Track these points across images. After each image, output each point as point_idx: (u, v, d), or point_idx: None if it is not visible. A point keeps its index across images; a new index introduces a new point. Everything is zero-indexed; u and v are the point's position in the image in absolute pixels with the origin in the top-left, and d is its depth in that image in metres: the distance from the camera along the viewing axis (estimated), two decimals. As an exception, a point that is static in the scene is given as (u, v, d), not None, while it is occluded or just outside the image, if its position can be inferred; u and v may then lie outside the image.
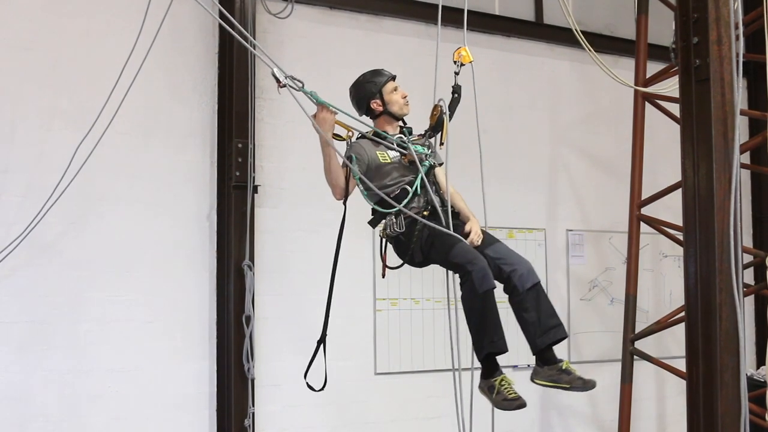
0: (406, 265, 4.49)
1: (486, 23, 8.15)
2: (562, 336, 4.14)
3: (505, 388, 4.01)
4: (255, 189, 6.78)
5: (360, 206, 4.42)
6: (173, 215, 6.68)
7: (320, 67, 7.27)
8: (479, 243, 4.19)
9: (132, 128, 6.42)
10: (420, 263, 4.40)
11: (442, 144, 4.37)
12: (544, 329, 4.09)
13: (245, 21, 6.79)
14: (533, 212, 8.38)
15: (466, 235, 4.21)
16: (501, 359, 4.19)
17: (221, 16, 4.72)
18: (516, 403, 3.98)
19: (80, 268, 6.29)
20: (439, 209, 4.24)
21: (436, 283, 7.48)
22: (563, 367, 4.06)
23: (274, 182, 7.04)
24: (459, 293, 4.14)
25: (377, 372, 7.43)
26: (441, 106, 4.33)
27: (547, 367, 4.10)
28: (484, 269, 4.02)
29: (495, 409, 4.19)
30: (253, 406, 6.64)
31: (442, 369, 7.62)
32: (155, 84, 6.54)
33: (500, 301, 4.10)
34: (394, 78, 4.47)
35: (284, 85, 3.88)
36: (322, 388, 4.39)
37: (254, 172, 6.76)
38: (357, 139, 4.37)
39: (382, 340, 7.48)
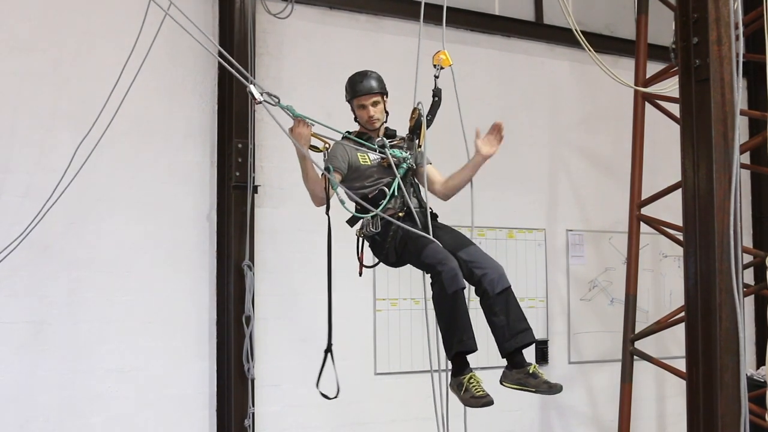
0: (396, 265, 4.55)
1: (486, 23, 8.15)
2: (530, 340, 4.18)
3: (473, 386, 4.06)
4: (255, 189, 6.78)
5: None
6: (173, 215, 6.68)
7: (320, 68, 7.27)
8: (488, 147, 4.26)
9: (132, 128, 6.42)
10: (394, 263, 4.47)
11: (420, 147, 4.41)
12: (512, 333, 4.13)
13: (245, 21, 6.79)
14: (533, 212, 8.38)
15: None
16: (501, 359, 4.21)
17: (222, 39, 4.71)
18: (483, 401, 4.02)
19: (80, 268, 6.29)
20: (415, 211, 4.32)
21: (436, 283, 7.49)
22: (530, 371, 4.11)
23: (273, 182, 7.04)
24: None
25: (377, 372, 7.43)
26: (419, 109, 4.38)
27: (516, 371, 4.16)
28: (453, 270, 4.05)
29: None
30: (253, 406, 6.64)
31: (442, 369, 7.62)
32: (155, 84, 6.53)
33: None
34: (366, 94, 4.44)
35: (260, 102, 3.89)
36: (336, 396, 4.40)
37: (254, 172, 6.76)
38: (342, 138, 4.46)
39: (382, 340, 7.48)
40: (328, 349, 4.46)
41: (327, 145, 4.38)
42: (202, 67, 6.88)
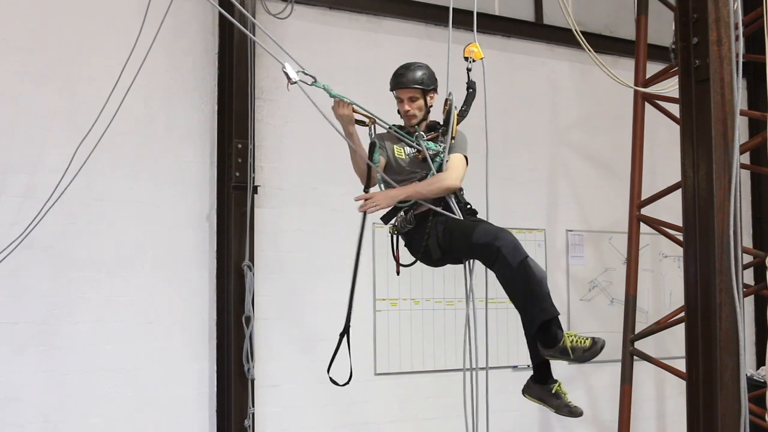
0: (439, 263, 4.44)
1: (486, 24, 8.14)
2: (552, 314, 4.02)
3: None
4: (255, 189, 6.78)
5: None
6: (173, 215, 6.67)
7: (320, 68, 7.20)
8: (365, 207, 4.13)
9: (132, 129, 6.42)
10: (438, 260, 4.33)
11: (453, 138, 4.33)
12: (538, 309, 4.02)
13: (245, 21, 6.78)
14: (533, 212, 8.38)
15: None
16: (502, 359, 4.21)
17: (230, 19, 4.70)
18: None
19: (80, 268, 6.28)
20: (453, 204, 4.24)
21: (436, 284, 7.49)
22: (553, 391, 4.14)
23: (273, 183, 7.04)
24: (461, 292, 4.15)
25: (377, 372, 7.43)
26: (451, 101, 4.31)
27: (539, 386, 4.18)
28: (513, 241, 3.98)
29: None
30: (253, 406, 6.63)
31: (442, 369, 7.63)
32: (155, 84, 6.54)
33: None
34: (403, 88, 4.36)
35: (295, 82, 3.83)
36: (347, 382, 4.35)
37: (254, 172, 6.75)
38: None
39: (382, 340, 7.48)
40: (345, 332, 4.38)
41: (372, 120, 4.26)
42: (202, 67, 6.88)
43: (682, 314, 4.83)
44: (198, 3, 6.81)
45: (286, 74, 3.82)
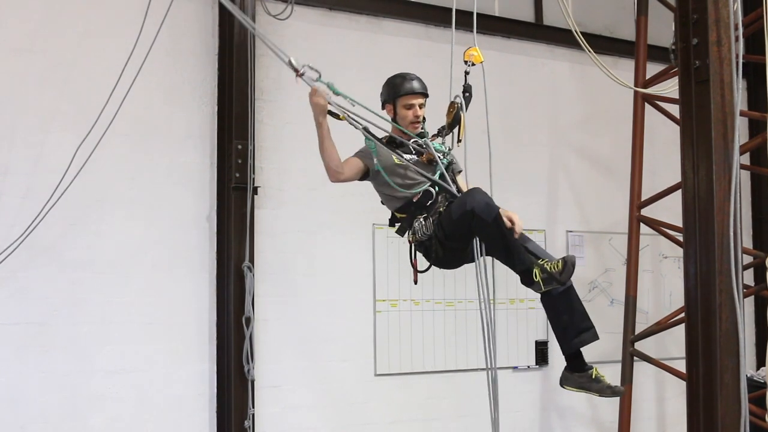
0: (445, 259, 4.44)
1: (486, 24, 8.13)
2: (593, 339, 4.11)
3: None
4: (255, 190, 6.78)
5: (361, 208, 4.43)
6: (173, 217, 6.68)
7: (320, 69, 7.25)
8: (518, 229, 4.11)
9: (132, 129, 6.42)
10: (443, 258, 4.34)
11: (459, 141, 4.36)
12: (576, 332, 4.07)
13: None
14: (533, 213, 8.37)
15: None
16: (501, 359, 4.20)
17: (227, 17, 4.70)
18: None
19: (80, 269, 6.28)
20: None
21: (436, 285, 7.48)
22: (593, 376, 4.10)
23: (273, 184, 7.04)
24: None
25: (377, 373, 7.42)
26: (458, 103, 4.35)
27: (577, 374, 4.14)
28: (482, 200, 4.04)
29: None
30: (253, 407, 6.64)
31: (442, 370, 7.63)
32: (155, 85, 6.54)
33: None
34: (416, 93, 4.38)
35: (302, 74, 3.87)
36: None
37: (254, 173, 6.75)
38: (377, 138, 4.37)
39: (382, 341, 7.47)
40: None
41: (345, 115, 4.19)
42: (202, 68, 6.88)
43: (682, 315, 4.83)
44: (198, 3, 6.82)
45: (293, 67, 3.81)
